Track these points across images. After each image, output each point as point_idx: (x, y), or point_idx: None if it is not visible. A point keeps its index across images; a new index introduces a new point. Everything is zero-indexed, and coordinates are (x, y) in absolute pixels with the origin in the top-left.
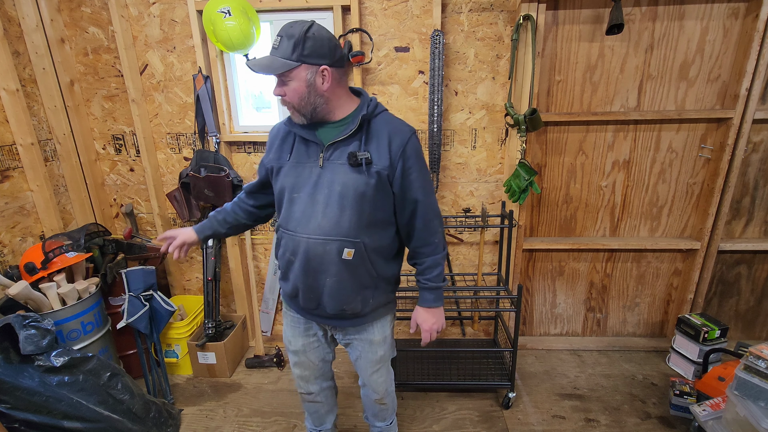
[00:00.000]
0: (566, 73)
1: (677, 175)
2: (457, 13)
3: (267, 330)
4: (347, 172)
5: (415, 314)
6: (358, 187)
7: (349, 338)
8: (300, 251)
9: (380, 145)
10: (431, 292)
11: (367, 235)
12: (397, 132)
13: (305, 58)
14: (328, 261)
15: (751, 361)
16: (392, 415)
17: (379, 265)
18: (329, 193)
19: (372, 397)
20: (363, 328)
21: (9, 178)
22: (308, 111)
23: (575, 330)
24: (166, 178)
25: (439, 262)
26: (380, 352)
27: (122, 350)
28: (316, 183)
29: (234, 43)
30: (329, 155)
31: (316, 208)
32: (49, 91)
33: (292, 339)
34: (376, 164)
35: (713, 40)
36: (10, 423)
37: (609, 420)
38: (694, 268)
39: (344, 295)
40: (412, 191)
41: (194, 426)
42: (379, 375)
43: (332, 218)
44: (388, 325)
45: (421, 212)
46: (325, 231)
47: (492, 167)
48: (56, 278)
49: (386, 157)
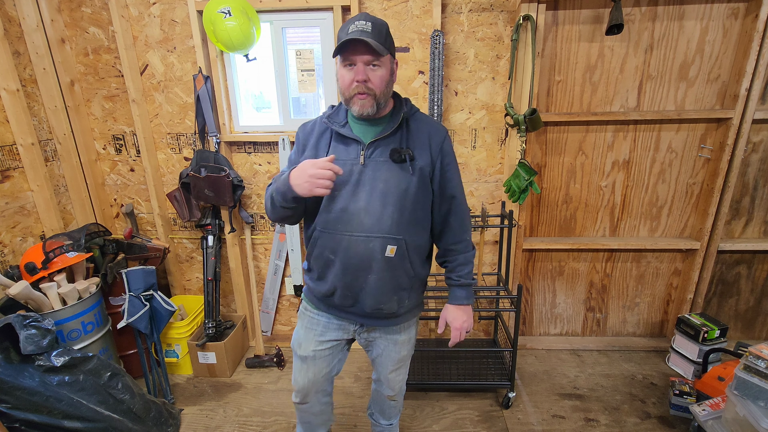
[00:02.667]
0: (566, 73)
1: (677, 175)
2: (457, 13)
3: (267, 330)
4: (390, 169)
5: (445, 312)
6: (401, 184)
7: (373, 336)
8: (341, 250)
9: (421, 143)
10: (463, 289)
11: (408, 233)
12: (436, 131)
13: (391, 48)
14: (371, 258)
15: (751, 361)
16: (398, 414)
17: (416, 265)
18: (371, 190)
19: (385, 393)
20: (392, 329)
21: (9, 178)
22: (383, 101)
23: (575, 330)
24: (166, 178)
25: (470, 260)
26: (403, 352)
27: (122, 350)
28: (357, 181)
29: (234, 43)
30: (370, 153)
31: (358, 206)
32: (49, 91)
33: (304, 343)
34: (419, 161)
35: (713, 41)
36: (11, 423)
37: (609, 420)
38: (693, 268)
39: (383, 293)
40: (449, 188)
41: (194, 426)
42: (398, 374)
43: (375, 215)
44: (414, 326)
45: (456, 209)
46: (367, 228)
47: (492, 167)
48: (57, 278)
49: (427, 154)
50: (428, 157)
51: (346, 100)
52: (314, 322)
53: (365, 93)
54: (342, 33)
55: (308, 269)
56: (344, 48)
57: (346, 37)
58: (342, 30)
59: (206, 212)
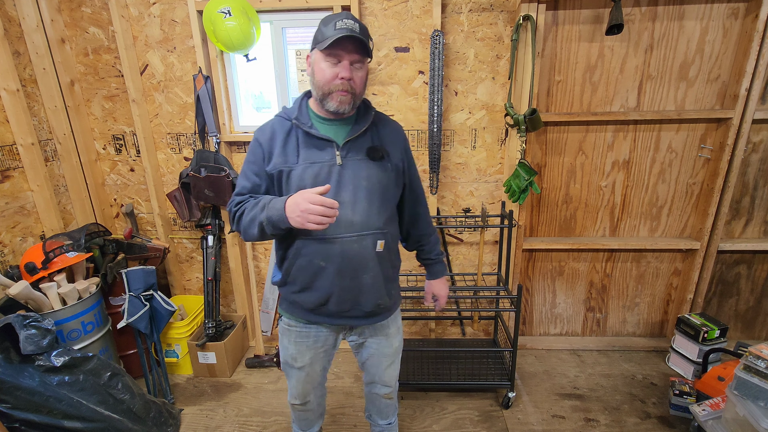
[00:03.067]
0: (566, 73)
1: (677, 175)
2: (457, 13)
3: (267, 330)
4: (370, 167)
5: (431, 288)
6: (382, 180)
7: (365, 336)
8: (333, 254)
9: (391, 141)
10: (441, 264)
11: (389, 226)
12: (398, 128)
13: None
14: (366, 256)
15: (751, 361)
16: (395, 413)
17: (396, 255)
18: (355, 189)
19: (381, 392)
20: (382, 324)
21: (9, 178)
22: (359, 101)
23: (575, 330)
24: (166, 178)
25: (438, 241)
26: (395, 344)
27: (122, 350)
28: (338, 182)
29: (234, 43)
30: (346, 153)
31: (344, 206)
32: (49, 91)
33: (298, 356)
34: (393, 158)
35: (713, 41)
36: (11, 423)
37: (609, 420)
38: (693, 268)
39: (379, 288)
40: (416, 182)
41: (194, 426)
42: (392, 369)
43: (362, 213)
44: (399, 315)
45: (422, 201)
46: (357, 227)
47: (492, 167)
48: (57, 278)
49: (398, 151)
50: (399, 154)
51: (324, 94)
52: (303, 335)
53: (347, 91)
54: (328, 29)
55: (284, 283)
56: (336, 43)
57: (341, 34)
58: (327, 25)
59: (206, 212)
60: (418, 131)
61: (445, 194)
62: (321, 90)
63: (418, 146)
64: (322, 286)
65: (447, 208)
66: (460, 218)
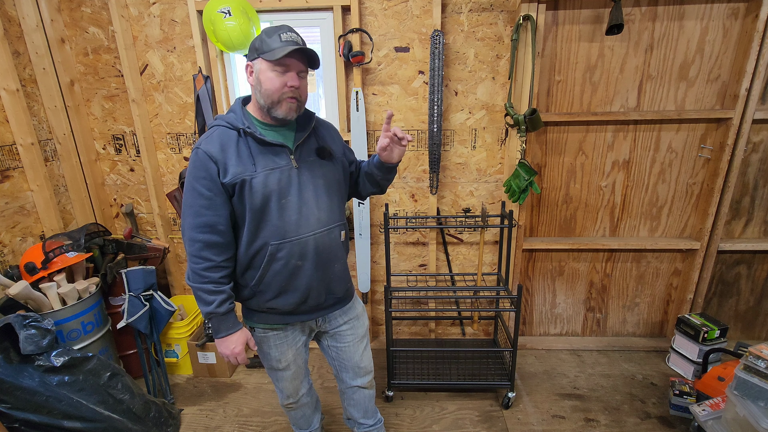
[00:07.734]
0: (566, 73)
1: (677, 175)
2: (457, 13)
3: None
4: (323, 165)
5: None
6: (335, 176)
7: (338, 323)
8: (309, 250)
9: (331, 139)
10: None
11: (343, 216)
12: (331, 126)
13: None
14: (335, 246)
15: (751, 361)
16: (377, 411)
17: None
18: (315, 188)
19: (363, 382)
20: (351, 306)
21: (9, 178)
22: (303, 108)
23: (575, 330)
24: (166, 178)
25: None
26: (365, 322)
27: (122, 350)
28: (299, 183)
29: (234, 43)
30: (299, 156)
31: (310, 205)
32: (49, 91)
33: (281, 357)
34: (337, 153)
35: (713, 41)
36: (10, 423)
37: (609, 420)
38: (693, 268)
39: (345, 274)
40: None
41: (194, 426)
42: (368, 351)
43: (326, 208)
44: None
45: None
46: (325, 221)
47: (492, 167)
48: (56, 278)
49: (338, 146)
50: (340, 149)
51: (274, 102)
52: (281, 336)
53: (296, 99)
54: (273, 40)
55: (254, 294)
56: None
57: (291, 47)
58: (271, 37)
59: None
60: (418, 131)
61: (445, 194)
62: (270, 98)
63: (418, 146)
64: (300, 285)
65: (447, 208)
66: (460, 218)
